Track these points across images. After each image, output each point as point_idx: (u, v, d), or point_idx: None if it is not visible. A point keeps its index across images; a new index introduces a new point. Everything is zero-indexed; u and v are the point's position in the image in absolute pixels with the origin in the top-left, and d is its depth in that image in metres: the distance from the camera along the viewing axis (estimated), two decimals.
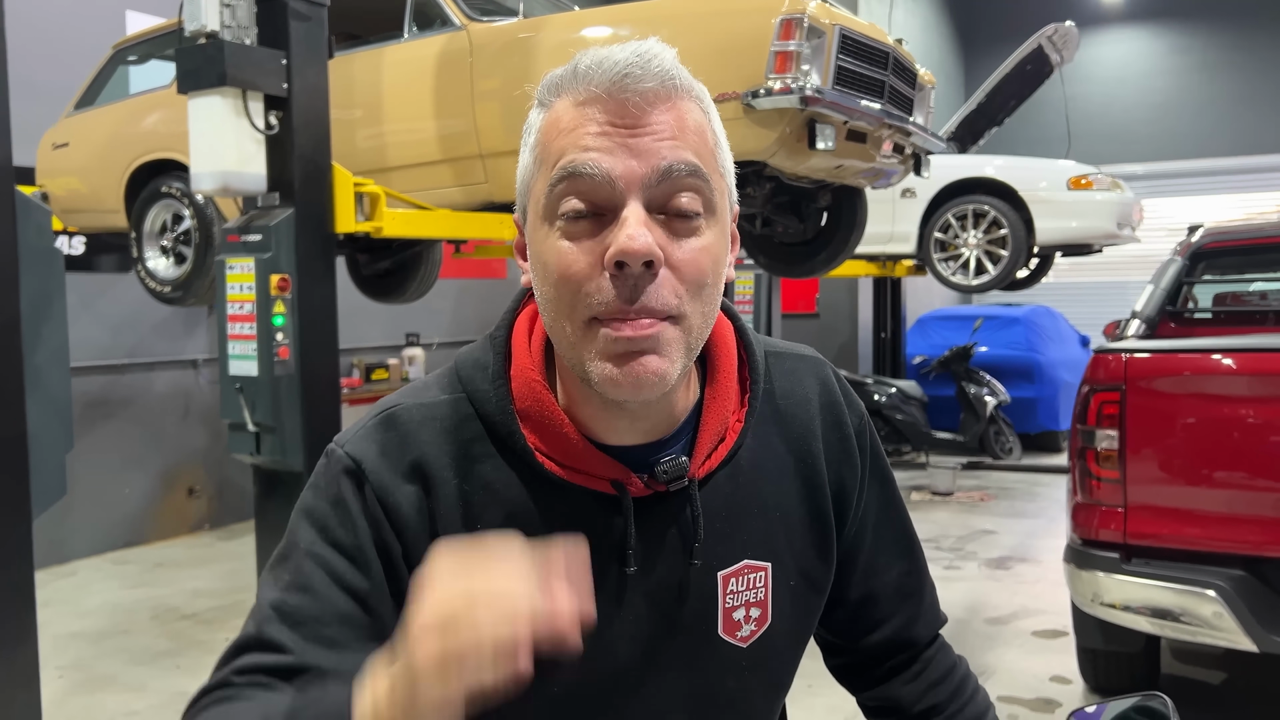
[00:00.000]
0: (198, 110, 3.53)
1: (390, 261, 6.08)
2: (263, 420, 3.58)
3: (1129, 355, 3.20)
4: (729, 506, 0.95)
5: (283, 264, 3.57)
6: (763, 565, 0.97)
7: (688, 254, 0.82)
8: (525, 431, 0.89)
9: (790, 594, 0.99)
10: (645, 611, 0.92)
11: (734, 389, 0.96)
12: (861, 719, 1.20)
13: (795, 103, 3.60)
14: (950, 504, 7.76)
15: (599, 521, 0.89)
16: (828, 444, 1.01)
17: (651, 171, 0.81)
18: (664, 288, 0.80)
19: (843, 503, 1.03)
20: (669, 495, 0.91)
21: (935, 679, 1.11)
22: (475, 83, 4.34)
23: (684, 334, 0.83)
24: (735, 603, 0.95)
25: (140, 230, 5.22)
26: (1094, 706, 1.13)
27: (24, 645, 2.89)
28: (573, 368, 0.85)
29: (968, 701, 1.10)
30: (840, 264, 5.30)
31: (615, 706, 0.93)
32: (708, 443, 0.93)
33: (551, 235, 0.82)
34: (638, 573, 0.91)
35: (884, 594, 1.09)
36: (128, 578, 6.11)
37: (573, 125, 0.82)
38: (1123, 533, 3.20)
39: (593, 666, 0.89)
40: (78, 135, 5.61)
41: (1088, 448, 3.28)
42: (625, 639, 0.92)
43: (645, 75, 0.82)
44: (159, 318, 6.89)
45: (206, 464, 7.34)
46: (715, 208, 0.85)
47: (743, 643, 0.96)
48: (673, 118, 0.83)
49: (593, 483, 0.89)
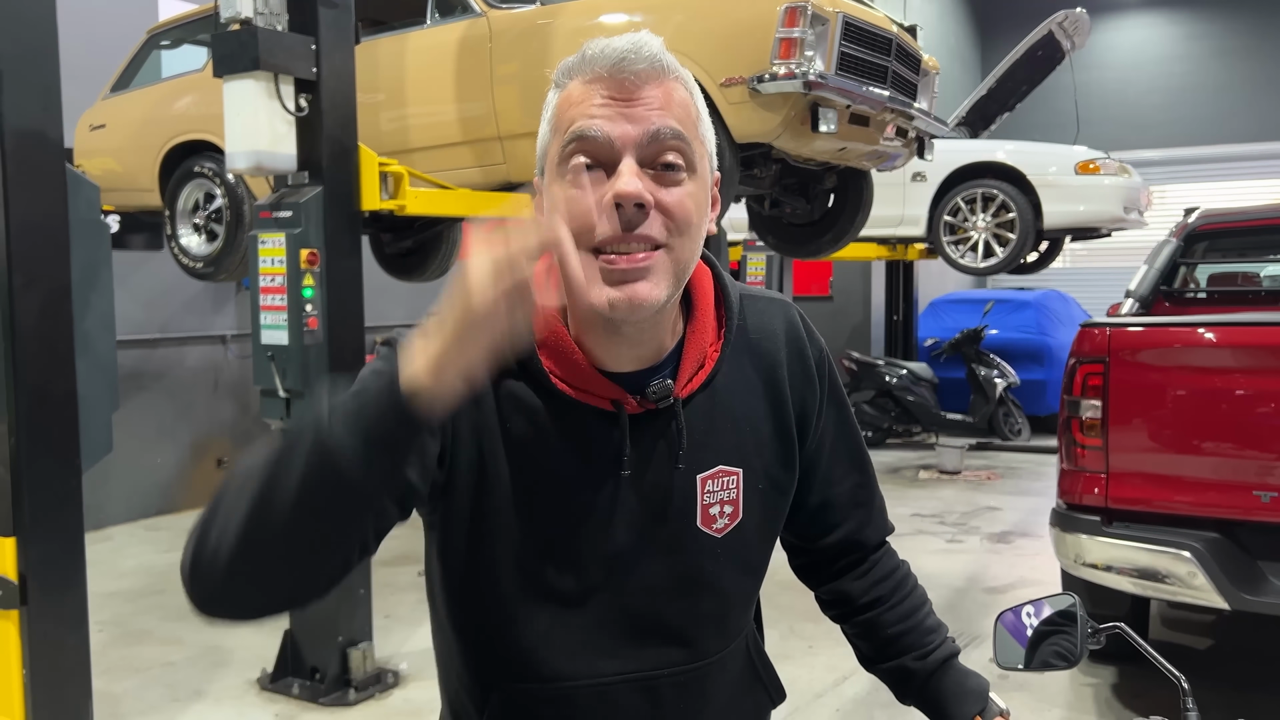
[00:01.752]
0: (232, 93, 3.73)
1: (412, 241, 6.29)
2: (293, 386, 3.80)
3: (1112, 329, 3.36)
4: (707, 421, 1.13)
5: (312, 239, 3.77)
6: (735, 470, 1.15)
7: (673, 197, 1.00)
8: (542, 357, 1.07)
9: (759, 495, 1.17)
10: (638, 507, 1.11)
11: (712, 324, 1.14)
12: (858, 678, 1.39)
13: (799, 87, 3.77)
14: (957, 482, 7.92)
15: (600, 433, 1.08)
16: (792, 372, 1.19)
17: (643, 134, 0.99)
18: (654, 223, 0.99)
19: (804, 421, 1.21)
20: (658, 412, 1.09)
21: (880, 577, 1.29)
22: (494, 67, 4.53)
23: (671, 263, 1.01)
24: (711, 500, 1.14)
25: (174, 208, 5.45)
26: (1019, 606, 1.32)
27: (74, 590, 3.12)
28: (579, 295, 1.00)
29: (906, 595, 1.29)
30: (846, 244, 5.47)
31: (616, 582, 1.12)
32: (689, 368, 1.11)
33: (563, 184, 1.01)
34: (632, 475, 1.09)
35: (838, 502, 1.28)
36: (160, 543, 6.37)
37: (581, 99, 1.01)
38: (1104, 497, 3.37)
39: (596, 550, 1.09)
40: (114, 117, 5.84)
41: (1073, 417, 3.45)
42: (622, 528, 1.10)
43: (639, 59, 1.00)
44: (189, 294, 7.13)
45: (234, 436, 7.59)
46: (695, 167, 1.03)
47: (717, 533, 1.15)
48: (661, 93, 1.01)
49: (596, 401, 1.08)
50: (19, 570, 2.97)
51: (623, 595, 1.12)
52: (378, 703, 3.91)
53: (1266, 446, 3.17)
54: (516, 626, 1.14)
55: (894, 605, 1.28)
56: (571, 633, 1.12)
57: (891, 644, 1.27)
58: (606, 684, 1.13)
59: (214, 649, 4.48)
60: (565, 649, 1.12)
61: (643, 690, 1.14)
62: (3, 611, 3.00)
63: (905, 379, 9.10)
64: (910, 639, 1.26)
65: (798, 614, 4.78)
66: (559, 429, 1.07)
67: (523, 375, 1.08)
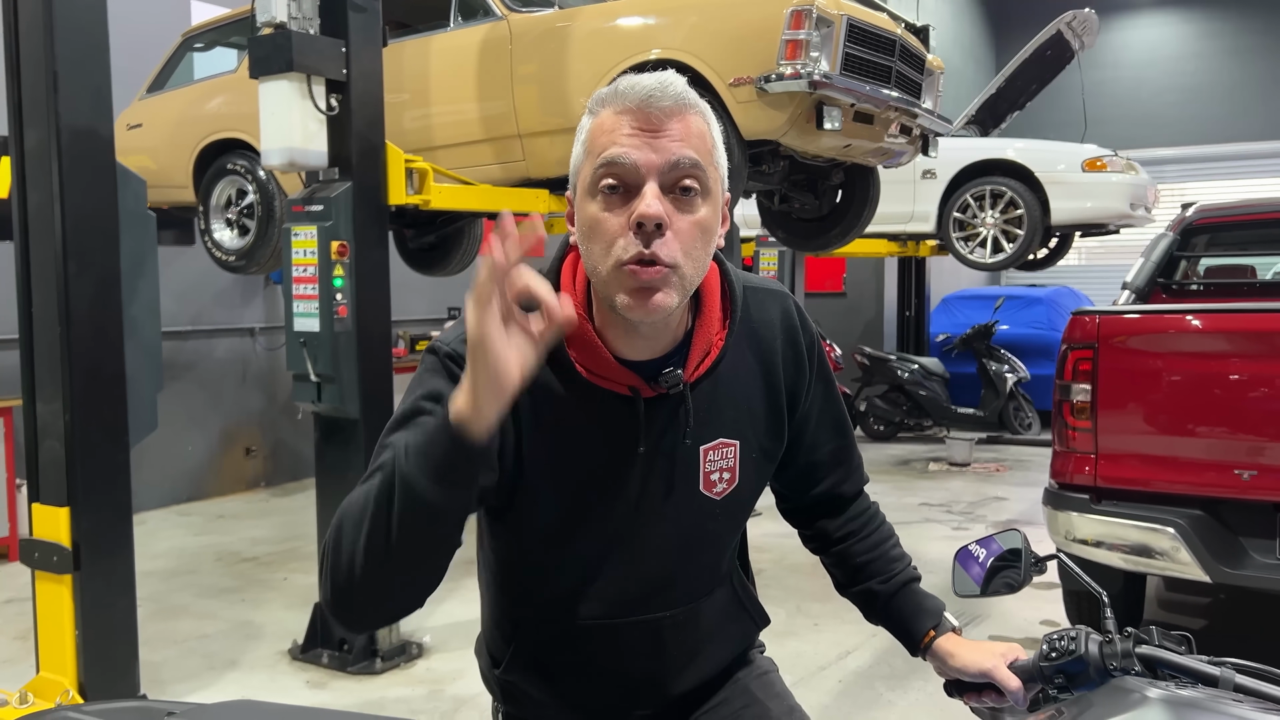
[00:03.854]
0: (267, 93, 3.94)
1: (435, 236, 6.51)
2: (323, 371, 4.01)
3: (1101, 317, 3.53)
4: (710, 401, 1.31)
5: (342, 232, 3.98)
6: (733, 442, 1.33)
7: (686, 225, 1.16)
8: (570, 350, 1.24)
9: (752, 464, 1.36)
10: (651, 478, 1.29)
11: (718, 316, 1.32)
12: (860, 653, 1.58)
13: (804, 86, 3.95)
14: (966, 474, 8.07)
15: (620, 414, 1.26)
16: (785, 356, 1.38)
17: (665, 162, 1.15)
18: (669, 244, 1.15)
19: (794, 398, 1.40)
20: (668, 396, 1.27)
21: (852, 516, 1.49)
22: (515, 68, 4.73)
23: (680, 279, 1.17)
24: (713, 468, 1.32)
25: (207, 204, 5.68)
26: (971, 543, 1.50)
27: (122, 557, 3.35)
28: (604, 299, 1.21)
29: (874, 531, 1.48)
30: (854, 239, 5.64)
31: (636, 540, 1.31)
32: (696, 357, 1.28)
33: (594, 204, 1.17)
34: (646, 451, 1.27)
35: (822, 461, 1.47)
36: (192, 527, 6.61)
37: (612, 128, 1.17)
38: (1093, 477, 3.53)
39: (615, 516, 1.28)
40: (150, 117, 6.08)
41: (1064, 401, 3.61)
42: (637, 497, 1.29)
43: (665, 97, 1.16)
44: (219, 288, 7.37)
45: (263, 426, 7.83)
46: (710, 191, 1.19)
47: (717, 496, 1.33)
48: (682, 126, 1.16)
49: (615, 386, 1.25)
50: (72, 538, 3.20)
51: (636, 554, 1.31)
52: (402, 671, 4.11)
53: (1247, 427, 3.32)
54: (544, 578, 1.34)
55: (863, 539, 1.47)
56: (590, 585, 1.32)
57: (860, 571, 1.46)
58: (617, 625, 1.33)
59: (246, 624, 4.71)
60: (584, 598, 1.32)
61: (647, 629, 1.35)
62: (57, 576, 3.23)
63: (917, 374, 9.24)
64: (876, 566, 1.45)
65: (805, 595, 4.97)
66: (584, 412, 1.25)
67: (552, 365, 1.24)
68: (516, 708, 1.43)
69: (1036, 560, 1.44)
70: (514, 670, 1.38)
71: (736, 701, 1.42)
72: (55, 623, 3.27)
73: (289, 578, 5.43)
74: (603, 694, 1.37)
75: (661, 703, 1.39)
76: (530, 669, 1.37)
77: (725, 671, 1.44)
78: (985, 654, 1.32)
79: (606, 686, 1.36)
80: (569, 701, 1.37)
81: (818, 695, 3.80)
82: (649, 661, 1.35)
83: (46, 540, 3.22)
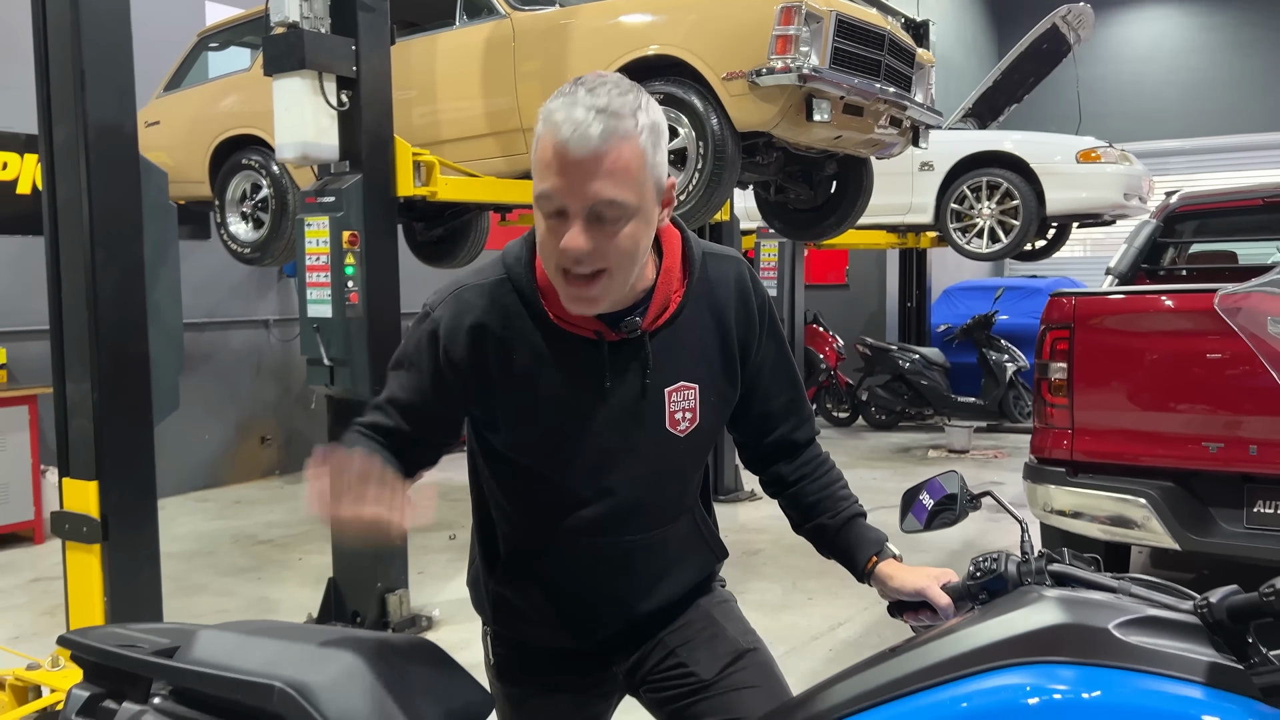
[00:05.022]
0: (281, 90, 4.13)
1: (443, 229, 6.69)
2: (336, 355, 4.19)
3: (1077, 298, 3.69)
4: (670, 348, 1.49)
5: (352, 222, 4.16)
6: (693, 385, 1.52)
7: (610, 240, 1.33)
8: (543, 300, 1.44)
9: (711, 406, 1.54)
10: (618, 414, 1.47)
11: (678, 275, 1.50)
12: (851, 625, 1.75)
13: (794, 80, 4.12)
14: (965, 460, 8.23)
15: (587, 356, 1.45)
16: (737, 313, 1.56)
17: (583, 206, 1.31)
18: (596, 258, 1.32)
19: (745, 350, 1.57)
20: (630, 341, 1.46)
21: (805, 461, 1.67)
22: (518, 65, 4.91)
23: (610, 280, 1.35)
24: (675, 409, 1.51)
25: (223, 198, 5.88)
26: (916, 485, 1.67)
27: (147, 528, 3.54)
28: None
29: (823, 474, 1.66)
30: (848, 228, 5.80)
31: (609, 469, 1.49)
32: (655, 310, 1.47)
33: (541, 219, 1.36)
34: (611, 388, 1.46)
35: (775, 411, 1.65)
36: (209, 512, 6.82)
37: (547, 161, 1.32)
38: (1070, 451, 3.70)
39: (586, 446, 1.47)
40: (167, 114, 6.28)
41: (1043, 379, 3.78)
42: (606, 431, 1.48)
43: (590, 136, 1.29)
44: (234, 281, 7.58)
45: (277, 416, 8.04)
46: (635, 211, 1.34)
47: (681, 434, 1.52)
48: (606, 165, 1.30)
49: (584, 332, 1.45)
50: (101, 510, 3.39)
51: (609, 482, 1.50)
52: None
53: (1215, 402, 3.48)
54: (526, 496, 1.52)
55: (814, 480, 1.65)
56: (567, 506, 1.50)
57: (811, 509, 1.64)
58: (593, 544, 1.52)
59: (263, 599, 4.91)
60: (562, 518, 1.51)
61: (620, 549, 1.53)
62: (87, 546, 3.43)
63: (918, 363, 9.39)
64: (824, 505, 1.63)
65: (800, 573, 5.14)
66: (554, 354, 1.45)
67: (530, 315, 1.45)
68: (504, 625, 1.61)
69: (971, 498, 1.62)
70: (501, 587, 1.57)
71: (699, 623, 1.60)
72: (85, 590, 3.46)
73: (304, 558, 5.63)
74: (579, 609, 1.55)
75: (631, 620, 1.57)
76: (515, 586, 1.56)
77: (689, 598, 1.62)
78: (920, 576, 1.50)
79: (583, 602, 1.55)
80: (549, 615, 1.55)
81: (809, 663, 3.98)
82: (621, 580, 1.53)
83: (76, 512, 3.42)
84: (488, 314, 1.45)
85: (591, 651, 1.61)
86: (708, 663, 1.56)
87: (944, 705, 1.12)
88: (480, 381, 1.45)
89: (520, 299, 1.45)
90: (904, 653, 1.23)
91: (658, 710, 1.61)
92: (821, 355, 9.98)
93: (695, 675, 1.55)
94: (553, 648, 1.61)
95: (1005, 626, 1.17)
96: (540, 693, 1.63)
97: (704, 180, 4.36)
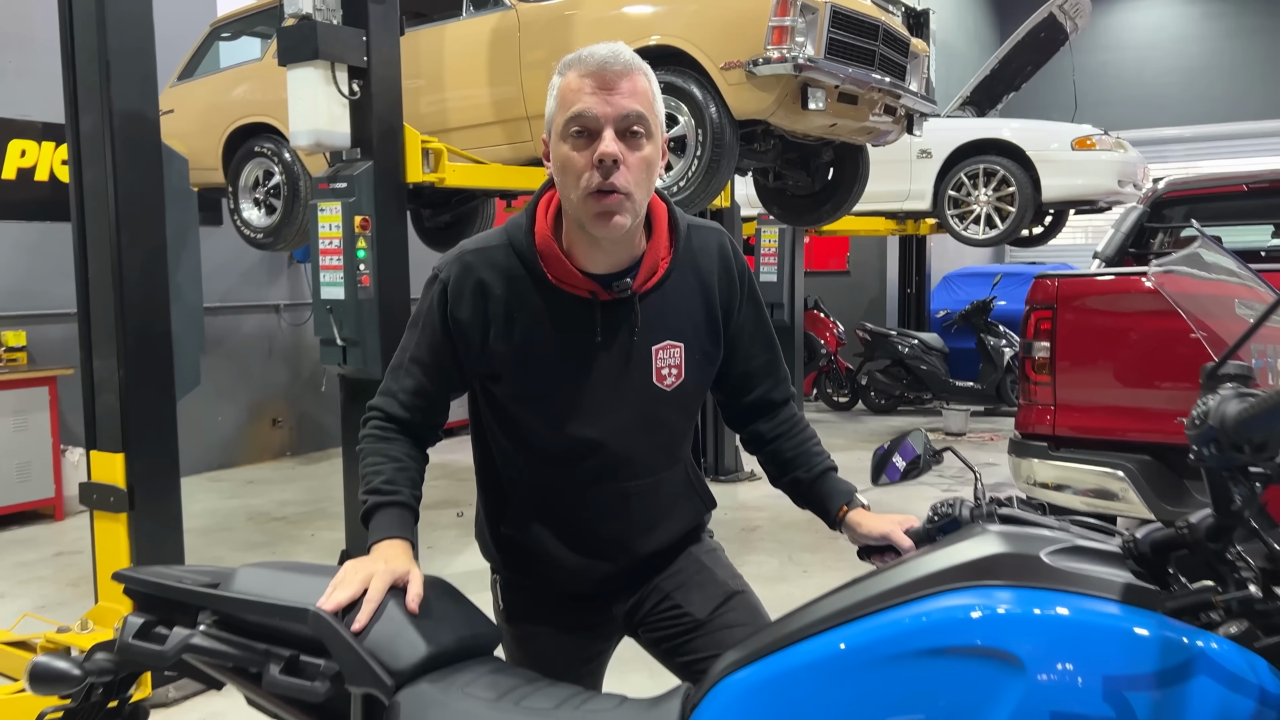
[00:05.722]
0: (295, 80, 4.27)
1: (450, 215, 6.85)
2: (348, 336, 4.35)
3: (1059, 280, 3.84)
4: (658, 310, 1.65)
5: (364, 207, 4.31)
6: (678, 344, 1.68)
7: (635, 160, 1.52)
8: (542, 263, 1.60)
9: (696, 363, 1.70)
10: (609, 368, 1.63)
11: (665, 244, 1.67)
12: None
13: (789, 70, 4.26)
14: (961, 442, 8.37)
15: (581, 313, 1.61)
16: (719, 279, 1.72)
17: (618, 114, 1.50)
18: (623, 175, 1.51)
19: (727, 313, 1.74)
20: (621, 301, 1.62)
21: (781, 420, 1.82)
22: (523, 54, 5.06)
23: (632, 204, 1.53)
24: (662, 365, 1.67)
25: (236, 185, 6.04)
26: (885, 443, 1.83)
27: (171, 498, 3.72)
28: (575, 219, 1.56)
29: (799, 433, 1.82)
30: (845, 214, 5.95)
31: (602, 418, 1.65)
32: (644, 273, 1.63)
33: (565, 146, 1.53)
34: (601, 343, 1.62)
35: (754, 371, 1.81)
36: (224, 491, 7.01)
37: (578, 88, 1.52)
38: (1052, 426, 3.86)
39: (579, 396, 1.63)
40: (180, 103, 6.43)
41: (1027, 358, 3.93)
42: (597, 383, 1.64)
43: (615, 62, 1.52)
44: (246, 266, 7.75)
45: (288, 399, 8.22)
46: (652, 134, 1.55)
47: (668, 388, 1.68)
48: (630, 85, 1.52)
49: (579, 292, 1.61)
50: (127, 481, 3.57)
51: (603, 432, 1.66)
52: None
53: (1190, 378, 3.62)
54: (527, 452, 1.69)
55: (790, 438, 1.81)
56: (567, 459, 1.66)
57: (788, 464, 1.80)
58: (592, 490, 1.68)
59: None
60: (561, 471, 1.67)
61: (617, 495, 1.69)
62: (114, 515, 3.61)
63: (917, 348, 9.54)
64: (799, 460, 1.79)
65: (796, 547, 5.31)
66: (551, 311, 1.62)
67: (529, 276, 1.61)
68: (511, 570, 1.78)
69: (934, 453, 1.78)
70: (507, 533, 1.73)
71: (690, 569, 1.77)
72: (112, 557, 3.64)
73: (316, 534, 5.81)
74: (580, 552, 1.71)
75: (629, 562, 1.73)
76: (519, 532, 1.72)
77: (681, 544, 1.78)
78: (885, 522, 1.66)
79: (584, 545, 1.71)
80: (552, 558, 1.71)
81: None
82: (618, 523, 1.69)
83: (104, 483, 3.60)
84: (490, 274, 1.61)
85: (592, 594, 1.77)
86: (700, 604, 1.72)
87: (899, 622, 1.28)
88: (483, 335, 1.61)
89: (521, 262, 1.61)
90: (865, 580, 1.39)
91: (655, 649, 1.77)
92: (822, 340, 10.13)
93: (689, 615, 1.72)
94: (557, 591, 1.77)
95: (952, 556, 1.33)
96: (546, 634, 1.79)
97: (703, 166, 4.51)
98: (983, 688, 1.18)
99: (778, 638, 1.38)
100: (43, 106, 6.30)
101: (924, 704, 1.21)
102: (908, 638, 1.25)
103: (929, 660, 1.22)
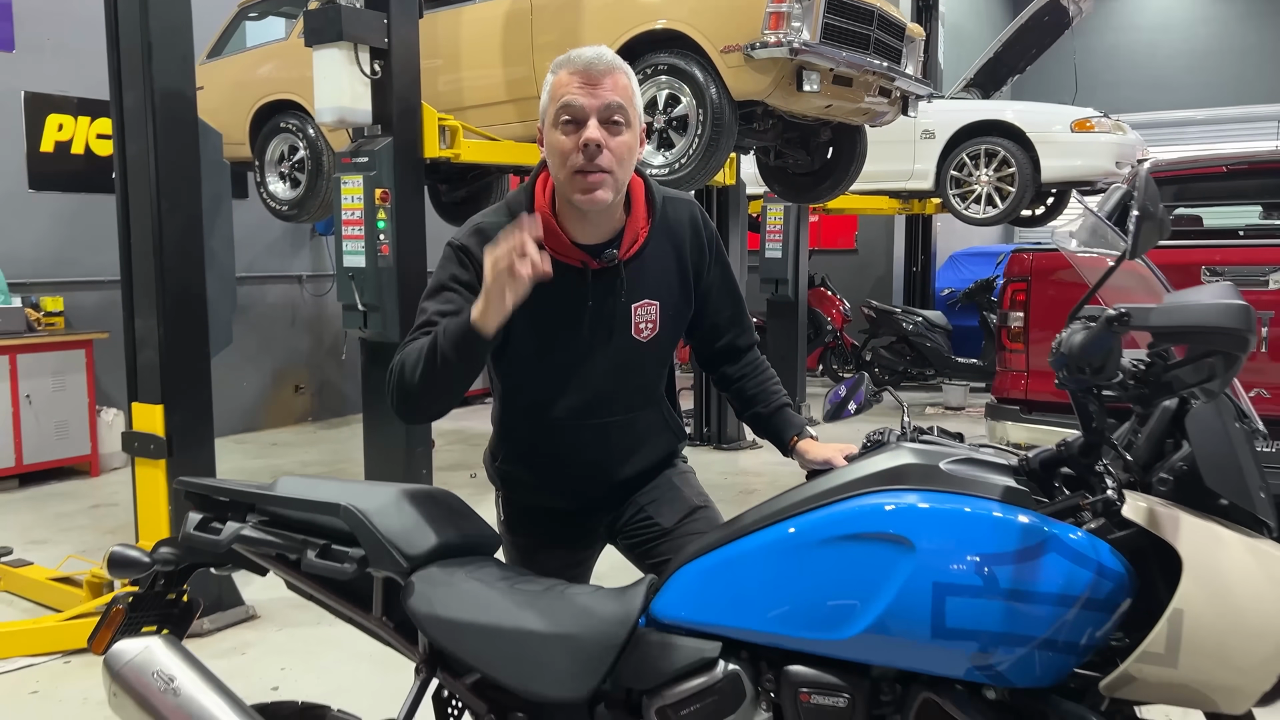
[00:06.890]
0: (321, 60, 4.55)
1: (465, 191, 7.13)
2: (369, 302, 4.65)
3: (1033, 254, 4.08)
4: (639, 273, 1.93)
5: (384, 180, 4.60)
6: (654, 302, 1.96)
7: (616, 144, 1.79)
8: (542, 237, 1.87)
9: (668, 318, 1.98)
10: (596, 324, 1.91)
11: (643, 215, 1.94)
12: None
13: (786, 53, 4.51)
14: (959, 416, 8.63)
15: (575, 280, 1.88)
16: (691, 245, 2.00)
17: (601, 106, 1.77)
18: (606, 157, 1.78)
19: (698, 274, 2.01)
20: (608, 269, 1.89)
21: (746, 364, 2.11)
22: (535, 36, 5.32)
23: (614, 180, 1.80)
24: (640, 320, 1.95)
25: (262, 159, 6.34)
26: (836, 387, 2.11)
27: (205, 446, 4.03)
28: (564, 195, 1.83)
29: (760, 373, 2.10)
30: (843, 191, 6.19)
31: (587, 367, 1.92)
32: (627, 242, 1.91)
33: (556, 132, 1.80)
34: (592, 305, 1.90)
35: (721, 323, 2.09)
36: (249, 453, 7.35)
37: (567, 83, 1.79)
38: (1025, 391, 4.11)
39: (572, 348, 1.91)
40: (209, 80, 6.70)
41: (1003, 327, 4.19)
42: (586, 338, 1.91)
43: (600, 63, 1.78)
44: (271, 238, 8.06)
45: (310, 366, 8.55)
46: (631, 124, 1.81)
47: (644, 340, 1.96)
48: (612, 82, 1.79)
49: (572, 261, 1.88)
50: (166, 430, 3.88)
51: (588, 377, 1.94)
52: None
53: None
54: (527, 390, 1.97)
55: (752, 379, 2.09)
56: (558, 396, 1.95)
57: (751, 400, 2.09)
58: (577, 426, 1.96)
59: None
60: (554, 406, 1.96)
61: (598, 429, 1.97)
62: (153, 462, 3.92)
63: (921, 326, 9.77)
64: (760, 397, 2.07)
65: None
66: (550, 280, 1.85)
67: None
68: (512, 490, 2.07)
69: (875, 393, 2.05)
70: (509, 460, 2.03)
71: (662, 486, 2.06)
72: (152, 501, 3.96)
73: None
74: (568, 478, 2.00)
75: (609, 485, 2.02)
76: (519, 459, 2.02)
77: (655, 469, 2.07)
78: (829, 449, 1.94)
79: (570, 472, 2.00)
80: (545, 481, 2.01)
81: None
82: (600, 453, 1.98)
83: (144, 432, 3.91)
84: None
85: (578, 510, 2.06)
86: (669, 515, 2.01)
87: (824, 517, 1.56)
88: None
89: None
90: (801, 487, 1.67)
91: (630, 554, 2.07)
92: (828, 317, 10.37)
93: (658, 524, 2.01)
94: (548, 508, 2.06)
95: (870, 466, 1.61)
96: (541, 543, 2.08)
97: (703, 145, 4.76)
98: (883, 564, 1.46)
99: (727, 534, 1.67)
100: (78, 82, 6.60)
101: (839, 576, 1.49)
102: (829, 527, 1.54)
103: (844, 545, 1.51)
